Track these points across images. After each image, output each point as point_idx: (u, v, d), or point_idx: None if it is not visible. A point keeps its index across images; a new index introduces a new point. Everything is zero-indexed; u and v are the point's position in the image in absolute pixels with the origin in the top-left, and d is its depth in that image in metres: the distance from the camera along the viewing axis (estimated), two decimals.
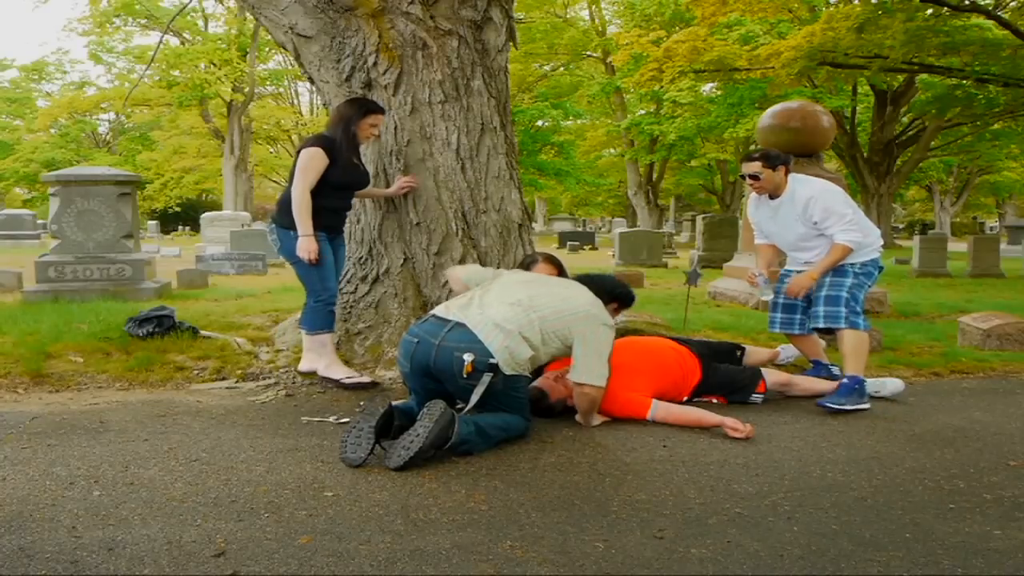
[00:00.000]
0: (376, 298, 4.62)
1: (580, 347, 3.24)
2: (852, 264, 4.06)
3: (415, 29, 4.43)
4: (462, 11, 4.52)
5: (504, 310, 3.20)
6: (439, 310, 3.33)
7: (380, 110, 4.19)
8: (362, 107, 4.12)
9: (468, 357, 3.05)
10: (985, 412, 3.86)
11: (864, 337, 3.99)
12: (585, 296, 3.39)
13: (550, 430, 3.39)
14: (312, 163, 3.96)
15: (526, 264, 4.00)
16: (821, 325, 4.02)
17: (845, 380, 3.89)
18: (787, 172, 4.12)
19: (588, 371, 3.26)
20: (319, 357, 4.14)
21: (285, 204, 4.07)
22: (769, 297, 4.30)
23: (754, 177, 4.11)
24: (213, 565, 2.08)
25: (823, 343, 4.54)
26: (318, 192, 3.99)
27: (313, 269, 4.03)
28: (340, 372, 4.11)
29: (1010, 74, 14.98)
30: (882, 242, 4.20)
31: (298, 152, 4.09)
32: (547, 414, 3.54)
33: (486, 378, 3.07)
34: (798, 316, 4.27)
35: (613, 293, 3.69)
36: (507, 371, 3.10)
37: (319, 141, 4.04)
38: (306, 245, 3.96)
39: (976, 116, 20.15)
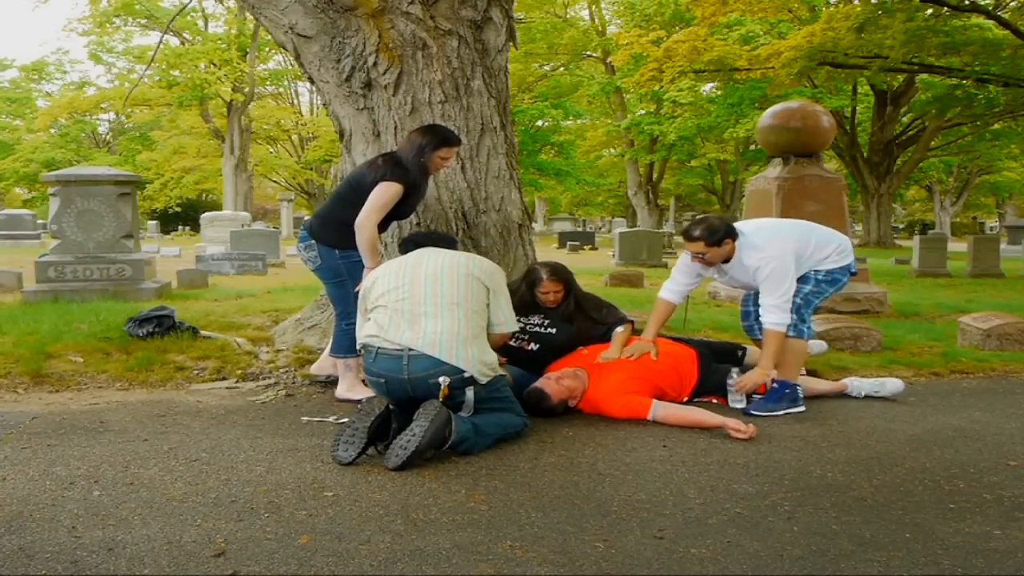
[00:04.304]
0: None
1: (493, 301, 3.35)
2: (817, 271, 3.90)
3: (415, 29, 4.43)
4: (462, 11, 4.52)
5: (440, 316, 3.14)
6: (380, 344, 3.16)
7: (455, 142, 3.94)
8: (436, 137, 3.85)
9: (443, 380, 3.05)
10: (985, 412, 3.86)
11: (803, 346, 3.91)
12: (457, 255, 3.43)
13: (550, 430, 3.39)
14: (391, 200, 3.76)
15: (531, 281, 3.98)
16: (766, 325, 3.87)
17: (775, 385, 3.78)
18: (734, 239, 3.83)
19: (510, 319, 3.44)
20: (346, 381, 3.98)
21: (334, 222, 3.88)
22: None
23: (698, 256, 3.87)
24: (213, 565, 2.08)
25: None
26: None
27: (351, 291, 3.86)
28: (360, 394, 3.89)
29: (1010, 74, 14.99)
30: (851, 245, 4.03)
31: (371, 179, 3.78)
32: (548, 415, 3.54)
33: (470, 392, 3.12)
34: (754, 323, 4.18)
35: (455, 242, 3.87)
36: (483, 380, 3.15)
37: (401, 176, 3.77)
38: None
39: (976, 116, 20.17)
